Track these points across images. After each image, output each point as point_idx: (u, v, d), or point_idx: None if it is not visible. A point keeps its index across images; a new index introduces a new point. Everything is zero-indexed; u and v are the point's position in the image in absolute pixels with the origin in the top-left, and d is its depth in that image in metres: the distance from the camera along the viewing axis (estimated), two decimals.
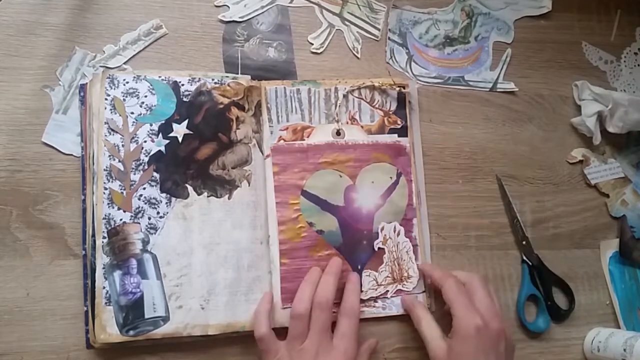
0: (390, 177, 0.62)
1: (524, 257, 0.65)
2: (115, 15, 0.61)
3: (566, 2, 0.72)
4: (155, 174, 0.56)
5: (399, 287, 0.61)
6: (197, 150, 0.58)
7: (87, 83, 0.58)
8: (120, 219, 0.55)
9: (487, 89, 0.69)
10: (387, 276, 0.60)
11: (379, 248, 0.61)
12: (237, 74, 0.62)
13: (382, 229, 0.61)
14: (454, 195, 0.65)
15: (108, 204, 0.55)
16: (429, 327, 0.55)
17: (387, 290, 0.60)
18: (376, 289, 0.60)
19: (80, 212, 0.56)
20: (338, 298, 0.55)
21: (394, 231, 0.61)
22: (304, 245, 0.59)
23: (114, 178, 0.55)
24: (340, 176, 0.61)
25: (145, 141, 0.57)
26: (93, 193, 0.55)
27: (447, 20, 0.69)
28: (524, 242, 0.65)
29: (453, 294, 0.54)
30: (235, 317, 0.56)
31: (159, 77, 0.58)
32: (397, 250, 0.61)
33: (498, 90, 0.69)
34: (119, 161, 0.56)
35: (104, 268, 0.54)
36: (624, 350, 0.58)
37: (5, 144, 0.56)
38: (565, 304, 0.65)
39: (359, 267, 0.60)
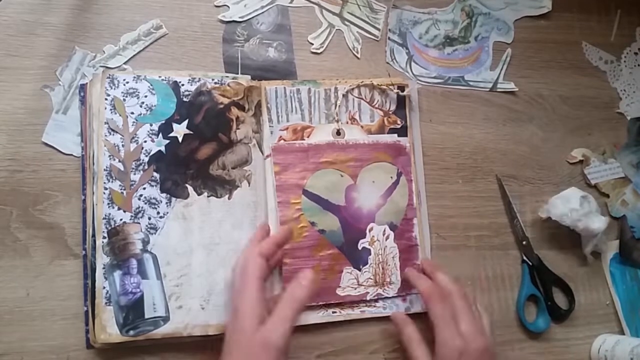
0: (391, 177, 0.62)
1: (524, 257, 0.65)
2: (115, 15, 0.61)
3: (566, 2, 0.72)
4: (155, 174, 0.56)
5: (380, 291, 0.60)
6: (197, 150, 0.58)
7: (87, 83, 0.58)
8: (120, 219, 0.55)
9: (487, 89, 0.69)
10: (370, 278, 0.60)
11: (363, 248, 0.60)
12: (237, 74, 0.62)
13: (371, 229, 0.61)
14: (454, 195, 0.65)
15: (108, 204, 0.55)
16: (418, 349, 0.55)
17: (367, 292, 0.60)
18: (355, 288, 0.60)
19: (80, 212, 0.56)
20: None
21: (383, 234, 0.61)
22: (306, 245, 0.59)
23: (114, 178, 0.55)
24: (342, 176, 0.61)
25: (145, 141, 0.57)
26: (93, 193, 0.55)
27: (447, 20, 0.69)
28: (524, 242, 0.65)
29: (437, 312, 0.54)
30: None
31: (159, 77, 0.58)
32: (384, 254, 0.61)
33: (498, 90, 0.69)
34: (119, 161, 0.56)
35: (104, 268, 0.53)
36: (632, 358, 0.59)
37: (5, 144, 0.56)
38: (565, 304, 0.65)
39: (361, 266, 0.60)
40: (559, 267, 0.66)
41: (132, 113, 0.57)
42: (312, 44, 0.65)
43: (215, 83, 0.60)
